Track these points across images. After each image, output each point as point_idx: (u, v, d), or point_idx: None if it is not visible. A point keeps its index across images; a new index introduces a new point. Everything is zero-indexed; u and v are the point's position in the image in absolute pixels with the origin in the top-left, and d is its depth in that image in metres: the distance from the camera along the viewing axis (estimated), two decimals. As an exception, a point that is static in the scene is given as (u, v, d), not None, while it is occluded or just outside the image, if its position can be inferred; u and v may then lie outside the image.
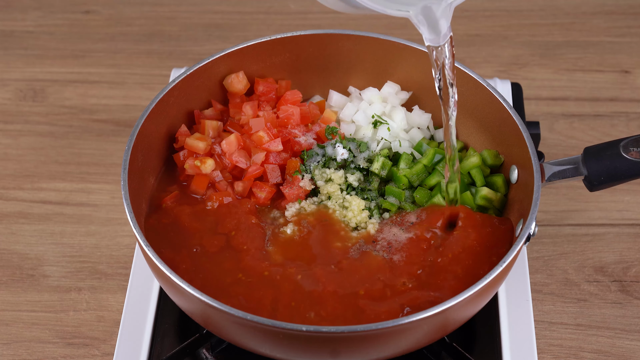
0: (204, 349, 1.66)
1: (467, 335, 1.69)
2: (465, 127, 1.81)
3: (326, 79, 1.89)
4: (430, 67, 1.79)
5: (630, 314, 1.86)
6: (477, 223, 1.62)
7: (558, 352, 1.80)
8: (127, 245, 1.97)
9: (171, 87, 1.71)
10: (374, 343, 1.43)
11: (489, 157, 1.74)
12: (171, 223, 1.64)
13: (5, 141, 2.20)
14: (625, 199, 2.06)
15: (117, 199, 2.07)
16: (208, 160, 1.67)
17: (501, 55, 2.43)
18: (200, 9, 2.58)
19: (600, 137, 2.20)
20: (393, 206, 1.67)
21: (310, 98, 1.90)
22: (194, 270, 1.56)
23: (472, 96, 1.77)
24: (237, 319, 1.40)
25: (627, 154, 1.55)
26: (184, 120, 1.79)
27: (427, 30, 1.46)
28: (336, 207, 1.66)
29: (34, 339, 1.82)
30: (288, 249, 1.60)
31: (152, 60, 2.42)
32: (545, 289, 1.90)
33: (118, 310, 1.86)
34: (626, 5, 2.57)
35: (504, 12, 2.57)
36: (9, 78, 2.36)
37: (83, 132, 2.22)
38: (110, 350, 1.80)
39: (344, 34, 1.82)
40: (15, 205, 2.05)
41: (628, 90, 2.32)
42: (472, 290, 1.41)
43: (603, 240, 1.98)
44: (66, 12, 2.56)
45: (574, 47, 2.45)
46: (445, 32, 1.47)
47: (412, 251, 1.59)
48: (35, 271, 1.93)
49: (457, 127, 1.79)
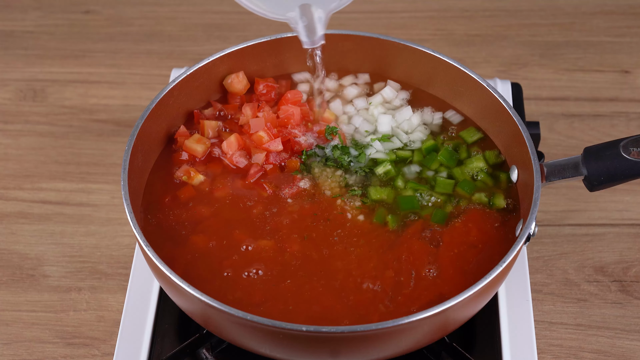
0: (204, 349, 1.66)
1: (467, 335, 1.69)
2: (465, 126, 1.81)
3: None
4: (431, 67, 1.81)
5: (630, 314, 1.86)
6: (478, 219, 1.63)
7: (558, 352, 1.80)
8: (127, 245, 1.97)
9: (171, 87, 1.71)
10: (374, 343, 1.43)
11: (490, 158, 1.74)
12: (171, 223, 1.64)
13: (5, 141, 2.20)
14: (625, 199, 2.06)
15: (117, 199, 2.07)
16: (197, 176, 1.68)
17: (501, 55, 2.44)
18: (200, 9, 2.58)
19: (600, 137, 2.20)
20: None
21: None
22: (194, 270, 1.56)
23: (472, 96, 1.77)
24: (237, 319, 1.40)
25: (627, 154, 1.55)
26: (184, 120, 1.79)
27: (304, 35, 1.67)
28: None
29: (34, 339, 1.82)
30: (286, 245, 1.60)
31: (152, 60, 2.42)
32: (545, 289, 1.90)
33: (118, 310, 1.86)
34: (626, 5, 2.57)
35: (504, 12, 2.57)
36: (9, 78, 2.37)
37: (83, 132, 2.22)
38: (110, 350, 1.80)
39: (344, 34, 1.82)
40: (15, 205, 2.05)
41: (628, 90, 2.32)
42: (472, 290, 1.41)
43: (603, 240, 1.98)
44: (66, 12, 2.56)
45: (574, 47, 2.45)
46: (320, 36, 1.67)
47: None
48: (35, 271, 1.93)
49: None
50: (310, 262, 1.57)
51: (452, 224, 1.63)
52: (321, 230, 1.62)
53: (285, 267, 1.56)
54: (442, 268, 1.56)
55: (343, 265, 1.57)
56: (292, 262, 1.57)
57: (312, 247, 1.59)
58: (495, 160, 1.74)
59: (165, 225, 1.62)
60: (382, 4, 2.59)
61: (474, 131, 1.78)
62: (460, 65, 1.75)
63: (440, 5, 2.59)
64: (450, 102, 1.83)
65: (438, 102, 1.84)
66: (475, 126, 1.79)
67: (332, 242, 1.60)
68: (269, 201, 1.66)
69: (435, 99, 1.84)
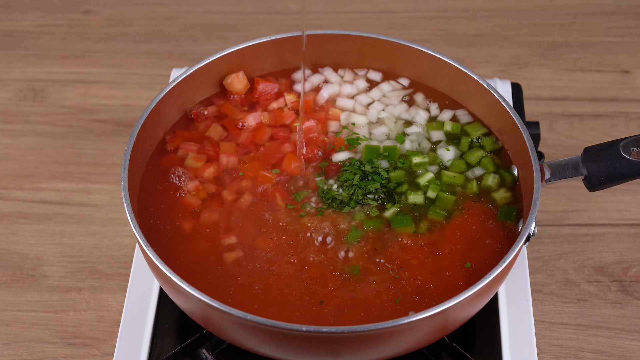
0: (204, 349, 1.66)
1: (467, 335, 1.69)
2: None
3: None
4: (431, 67, 1.80)
5: (630, 314, 1.86)
6: (478, 218, 1.63)
7: (558, 352, 1.80)
8: (127, 245, 1.97)
9: (171, 87, 1.71)
10: (374, 343, 1.43)
11: (487, 144, 1.73)
12: (172, 223, 1.63)
13: (5, 141, 2.20)
14: (625, 199, 2.06)
15: (117, 199, 2.07)
16: (204, 194, 1.68)
17: (501, 55, 2.44)
18: (200, 9, 2.58)
19: (600, 137, 2.20)
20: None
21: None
22: (194, 269, 1.56)
23: (472, 96, 1.77)
24: (237, 319, 1.40)
25: (627, 154, 1.55)
26: (184, 120, 1.79)
27: None
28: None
29: (34, 339, 1.82)
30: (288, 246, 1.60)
31: (152, 60, 2.42)
32: (545, 289, 1.90)
33: (118, 310, 1.86)
34: (626, 5, 2.57)
35: (504, 12, 2.57)
36: (9, 78, 2.37)
37: (83, 132, 2.22)
38: (110, 350, 1.80)
39: (344, 34, 1.82)
40: (15, 205, 2.05)
41: (628, 90, 2.32)
42: (472, 290, 1.41)
43: (603, 240, 1.98)
44: (66, 12, 2.56)
45: (574, 47, 2.45)
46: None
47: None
48: (35, 271, 1.93)
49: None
50: (312, 264, 1.57)
51: (452, 223, 1.62)
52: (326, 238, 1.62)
53: (286, 268, 1.56)
54: (442, 268, 1.56)
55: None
56: (293, 264, 1.57)
57: (313, 250, 1.59)
58: (494, 146, 1.73)
59: (166, 225, 1.62)
60: (382, 4, 2.59)
61: (479, 126, 1.77)
62: (460, 65, 1.75)
63: (440, 5, 2.59)
64: (448, 102, 1.83)
65: (438, 102, 1.84)
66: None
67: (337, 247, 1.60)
68: (270, 203, 1.66)
69: (435, 98, 1.84)
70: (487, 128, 1.77)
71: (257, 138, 1.75)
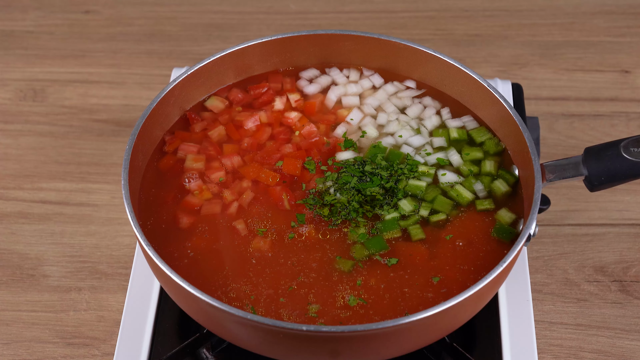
0: (204, 349, 1.66)
1: (467, 335, 1.69)
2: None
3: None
4: (431, 67, 1.80)
5: (630, 314, 1.86)
6: (478, 219, 1.63)
7: (558, 352, 1.80)
8: (127, 245, 1.97)
9: (171, 87, 1.71)
10: (374, 343, 1.43)
11: (490, 147, 1.73)
12: (172, 222, 1.63)
13: (5, 141, 2.20)
14: (625, 199, 2.06)
15: (117, 199, 2.07)
16: (207, 193, 1.68)
17: (501, 55, 2.44)
18: (200, 9, 2.58)
19: (600, 137, 2.20)
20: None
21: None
22: (194, 269, 1.56)
23: (472, 96, 1.77)
24: (237, 319, 1.40)
25: (628, 154, 1.55)
26: (184, 120, 1.79)
27: None
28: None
29: (34, 339, 1.82)
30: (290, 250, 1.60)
31: (152, 60, 2.42)
32: (545, 289, 1.90)
33: (118, 310, 1.86)
34: (626, 5, 2.57)
35: (504, 12, 2.57)
36: (9, 78, 2.37)
37: (83, 132, 2.22)
38: (110, 350, 1.80)
39: (344, 34, 1.82)
40: (15, 205, 2.05)
41: (628, 90, 2.32)
42: (472, 291, 1.41)
43: (603, 240, 1.98)
44: (66, 12, 2.57)
45: (574, 47, 2.45)
46: None
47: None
48: (35, 271, 1.93)
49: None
50: (311, 263, 1.57)
51: (452, 223, 1.62)
52: (328, 237, 1.62)
53: (286, 267, 1.56)
54: (442, 268, 1.56)
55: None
56: (293, 261, 1.57)
57: (314, 250, 1.59)
58: (497, 148, 1.73)
59: (166, 225, 1.62)
60: (382, 4, 2.59)
61: (484, 131, 1.76)
62: (461, 65, 1.75)
63: (440, 5, 2.59)
64: (448, 102, 1.83)
65: (438, 102, 1.84)
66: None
67: (340, 248, 1.60)
68: (270, 204, 1.66)
69: (435, 98, 1.84)
70: (492, 133, 1.76)
71: (258, 138, 1.75)
